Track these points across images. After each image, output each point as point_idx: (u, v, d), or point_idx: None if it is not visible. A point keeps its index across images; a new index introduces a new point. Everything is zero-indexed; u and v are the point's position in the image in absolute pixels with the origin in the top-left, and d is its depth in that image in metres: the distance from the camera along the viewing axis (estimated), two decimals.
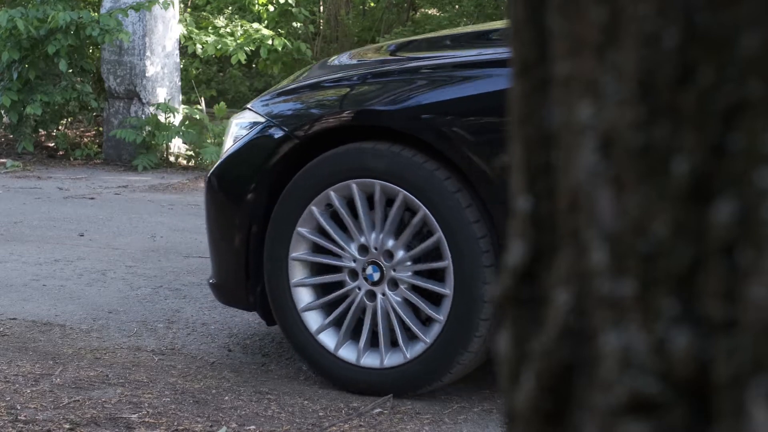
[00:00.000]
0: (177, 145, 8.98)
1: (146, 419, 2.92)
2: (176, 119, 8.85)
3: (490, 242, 2.99)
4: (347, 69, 3.50)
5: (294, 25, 11.64)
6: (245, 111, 3.51)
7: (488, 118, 3.00)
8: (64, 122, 9.76)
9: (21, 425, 2.83)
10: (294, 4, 11.21)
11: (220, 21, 10.45)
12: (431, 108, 3.06)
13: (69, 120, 9.90)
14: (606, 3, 0.54)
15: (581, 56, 0.56)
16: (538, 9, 0.59)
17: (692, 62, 0.51)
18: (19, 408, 2.97)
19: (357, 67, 3.50)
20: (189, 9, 11.20)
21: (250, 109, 3.46)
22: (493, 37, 3.37)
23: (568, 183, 0.57)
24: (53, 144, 9.44)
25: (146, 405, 3.03)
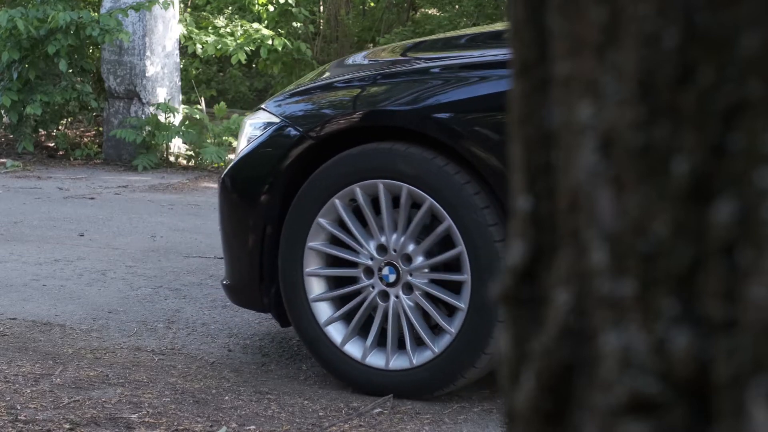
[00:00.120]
0: (177, 145, 8.98)
1: (146, 419, 2.92)
2: (176, 119, 8.85)
3: None
4: (364, 69, 3.48)
5: (294, 25, 11.63)
6: (259, 111, 3.47)
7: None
8: (64, 122, 9.76)
9: (21, 425, 2.83)
10: (294, 4, 11.21)
11: (220, 21, 10.44)
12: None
13: (69, 120, 9.90)
14: (606, 3, 0.54)
15: (581, 56, 0.56)
16: (538, 9, 0.59)
17: (692, 62, 0.51)
18: (19, 408, 2.97)
19: (371, 67, 3.48)
20: (189, 9, 11.20)
21: (265, 110, 3.43)
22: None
23: (568, 183, 0.57)
24: (53, 144, 9.43)
25: (146, 405, 3.03)
